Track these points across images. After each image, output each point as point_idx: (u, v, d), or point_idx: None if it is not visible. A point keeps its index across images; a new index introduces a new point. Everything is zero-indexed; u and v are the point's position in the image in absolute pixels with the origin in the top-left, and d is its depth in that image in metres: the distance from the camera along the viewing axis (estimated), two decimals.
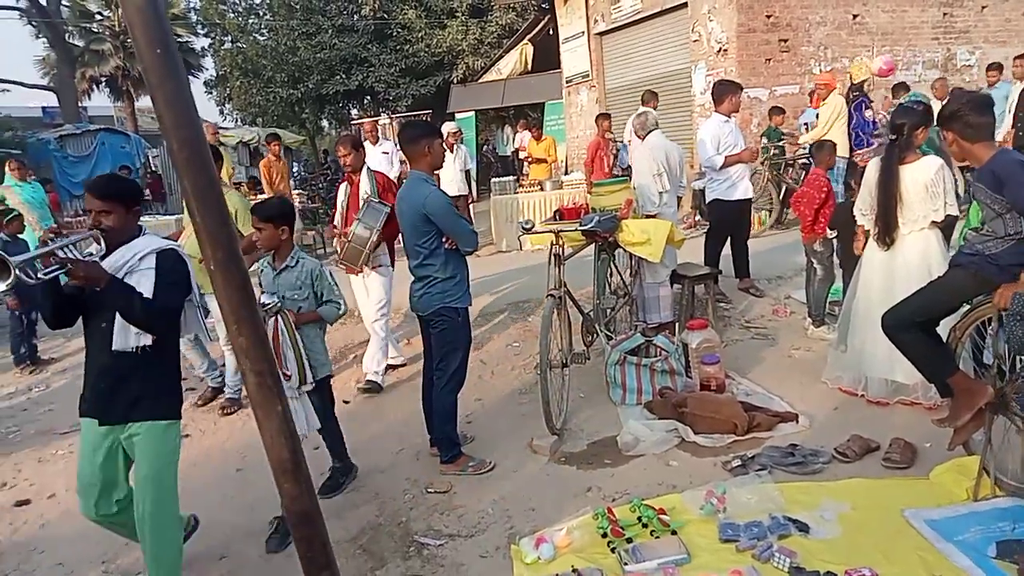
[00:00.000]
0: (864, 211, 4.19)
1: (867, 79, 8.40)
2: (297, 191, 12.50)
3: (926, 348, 3.36)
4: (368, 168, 5.32)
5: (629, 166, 7.99)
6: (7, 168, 8.14)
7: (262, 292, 3.61)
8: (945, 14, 11.03)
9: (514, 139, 16.15)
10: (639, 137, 6.11)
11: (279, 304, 3.52)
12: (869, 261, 4.18)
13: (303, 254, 3.79)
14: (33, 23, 21.26)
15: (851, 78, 8.27)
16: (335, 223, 5.49)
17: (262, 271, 3.79)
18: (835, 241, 5.22)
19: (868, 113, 8.37)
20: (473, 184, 11.45)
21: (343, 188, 5.42)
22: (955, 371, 3.29)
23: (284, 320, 3.50)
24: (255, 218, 3.72)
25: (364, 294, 5.36)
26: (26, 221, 7.79)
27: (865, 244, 4.23)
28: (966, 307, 3.37)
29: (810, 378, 4.63)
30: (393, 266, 5.35)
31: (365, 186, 5.18)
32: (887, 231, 3.97)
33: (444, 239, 3.80)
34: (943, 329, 3.42)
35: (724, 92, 6.23)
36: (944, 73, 10.54)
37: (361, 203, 5.04)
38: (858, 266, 4.27)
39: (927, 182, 3.86)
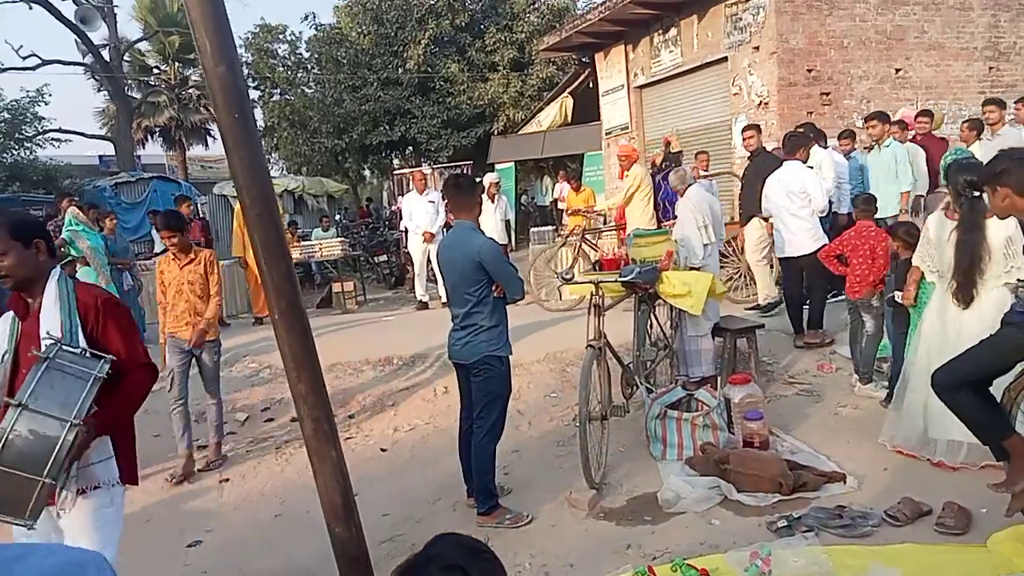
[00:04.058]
0: (932, 267, 4.09)
1: (680, 151, 8.48)
2: (340, 238, 12.75)
3: (979, 409, 3.27)
4: (63, 276, 2.53)
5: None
6: (75, 213, 8.45)
7: None
8: (991, 68, 10.96)
9: (553, 189, 16.32)
10: (679, 193, 6.15)
11: None
12: (938, 317, 4.02)
13: None
14: (96, 77, 22.37)
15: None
16: None
17: None
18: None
19: None
20: (512, 234, 11.55)
21: (6, 322, 2.57)
22: (1011, 433, 3.19)
23: None
24: None
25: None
26: (92, 266, 8.17)
27: (916, 294, 4.13)
28: (1021, 366, 3.28)
29: (858, 436, 4.51)
30: (136, 481, 2.65)
31: (52, 316, 2.45)
32: (968, 288, 3.80)
33: (493, 287, 3.86)
34: (996, 390, 3.32)
35: (800, 144, 6.48)
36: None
37: (41, 354, 2.32)
38: (920, 322, 4.15)
39: (1010, 236, 3.72)
